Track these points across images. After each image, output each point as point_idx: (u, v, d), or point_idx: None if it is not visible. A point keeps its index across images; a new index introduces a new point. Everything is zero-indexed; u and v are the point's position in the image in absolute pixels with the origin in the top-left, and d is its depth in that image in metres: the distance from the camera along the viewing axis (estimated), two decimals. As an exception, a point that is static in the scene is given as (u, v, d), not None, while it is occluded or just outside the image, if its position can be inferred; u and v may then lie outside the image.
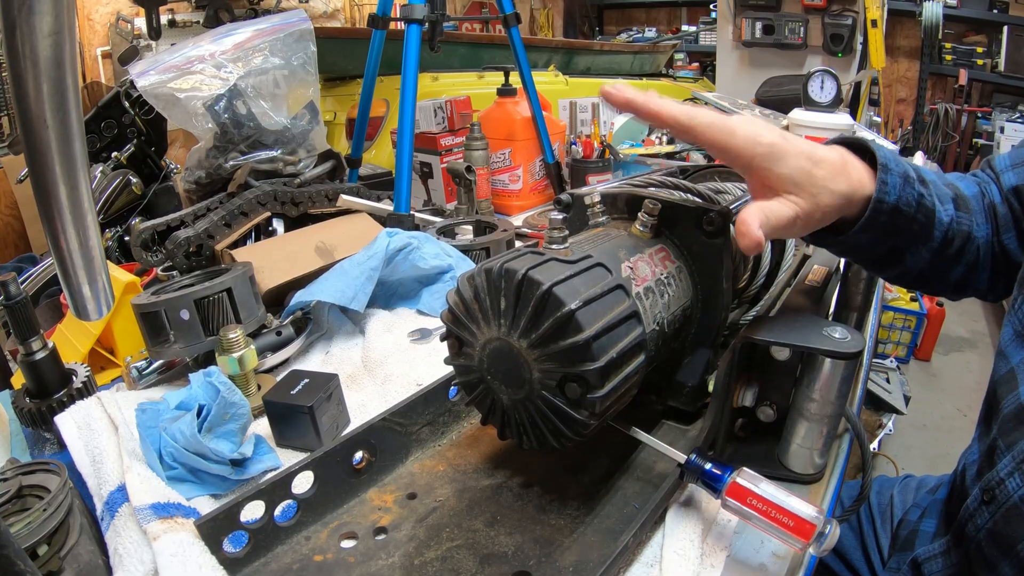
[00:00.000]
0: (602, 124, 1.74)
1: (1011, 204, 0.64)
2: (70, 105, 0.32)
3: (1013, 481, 0.55)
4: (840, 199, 0.52)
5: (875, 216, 0.54)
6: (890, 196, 0.54)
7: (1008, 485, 0.55)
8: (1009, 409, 0.58)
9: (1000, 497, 0.56)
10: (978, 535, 0.59)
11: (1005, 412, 0.58)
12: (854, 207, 0.54)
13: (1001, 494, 0.56)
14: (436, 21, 1.32)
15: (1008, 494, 0.55)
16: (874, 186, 0.53)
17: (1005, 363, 0.61)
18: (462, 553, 0.49)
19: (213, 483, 0.59)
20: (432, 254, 0.94)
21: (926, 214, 0.57)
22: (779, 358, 0.55)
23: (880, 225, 0.55)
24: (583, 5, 5.85)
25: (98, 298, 0.38)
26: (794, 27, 2.73)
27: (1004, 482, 0.56)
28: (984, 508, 0.58)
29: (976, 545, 0.59)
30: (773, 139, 0.51)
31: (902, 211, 0.55)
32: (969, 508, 0.61)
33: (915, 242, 0.59)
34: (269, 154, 1.11)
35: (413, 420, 0.61)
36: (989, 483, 0.58)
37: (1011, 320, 0.62)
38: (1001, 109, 4.02)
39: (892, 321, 2.78)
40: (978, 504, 0.59)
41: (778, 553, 0.50)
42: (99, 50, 3.29)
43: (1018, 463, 0.55)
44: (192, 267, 0.96)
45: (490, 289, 0.47)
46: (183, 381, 0.75)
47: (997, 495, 0.56)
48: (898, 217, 0.55)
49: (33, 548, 0.45)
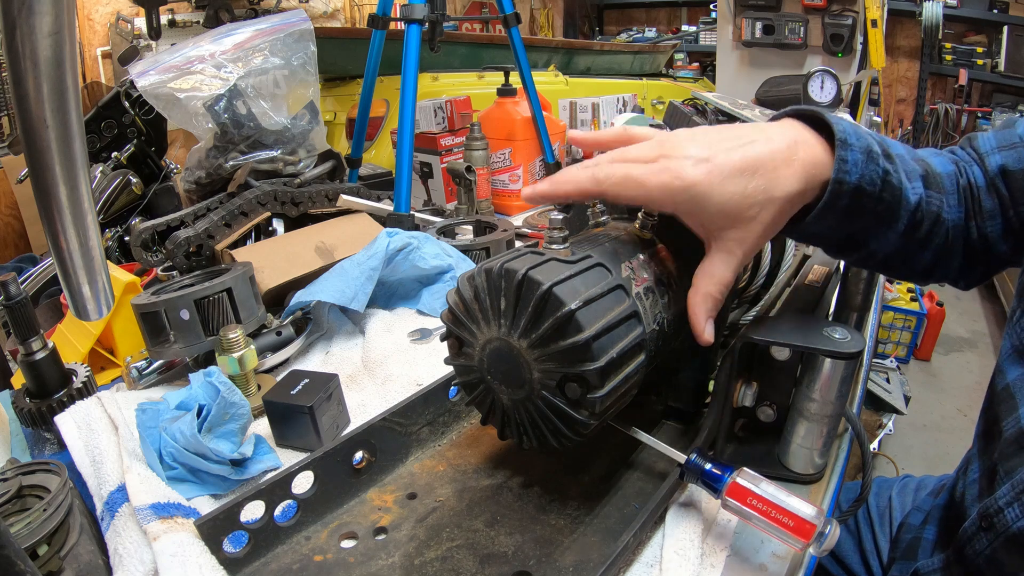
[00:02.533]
0: (602, 124, 1.74)
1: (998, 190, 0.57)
2: (70, 105, 0.33)
3: (1012, 511, 0.54)
4: (787, 203, 0.46)
5: (834, 200, 0.47)
6: (851, 175, 0.46)
7: (1007, 515, 0.54)
8: (1009, 433, 0.56)
9: (999, 525, 0.55)
10: (977, 560, 0.58)
11: (1006, 435, 0.57)
12: (811, 194, 0.47)
13: (1000, 523, 0.55)
14: (436, 21, 1.32)
15: (1007, 524, 0.54)
16: (832, 166, 0.46)
17: (1002, 379, 0.59)
18: (462, 553, 0.49)
19: (213, 483, 0.59)
20: (432, 254, 0.94)
21: (892, 193, 0.50)
22: (779, 358, 0.55)
23: (841, 209, 0.48)
24: (583, 5, 5.85)
25: (98, 298, 0.38)
26: (794, 27, 2.73)
27: (1003, 511, 0.55)
28: (983, 534, 0.57)
29: (976, 569, 0.58)
30: (693, 178, 0.44)
31: (865, 190, 0.48)
32: (968, 531, 0.59)
33: (879, 225, 0.52)
34: (269, 154, 1.11)
35: (413, 420, 0.61)
36: (987, 509, 0.57)
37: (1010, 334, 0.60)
38: (1001, 109, 4.02)
39: (892, 321, 2.78)
40: (976, 529, 0.58)
41: (778, 553, 0.50)
42: (99, 50, 3.29)
43: (1017, 493, 0.54)
44: (192, 267, 0.96)
45: (490, 289, 0.47)
46: (183, 381, 0.75)
47: (996, 523, 0.55)
48: (861, 198, 0.48)
49: (33, 548, 0.45)
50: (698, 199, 0.45)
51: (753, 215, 0.45)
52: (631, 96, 1.94)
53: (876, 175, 0.48)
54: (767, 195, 0.45)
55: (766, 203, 0.45)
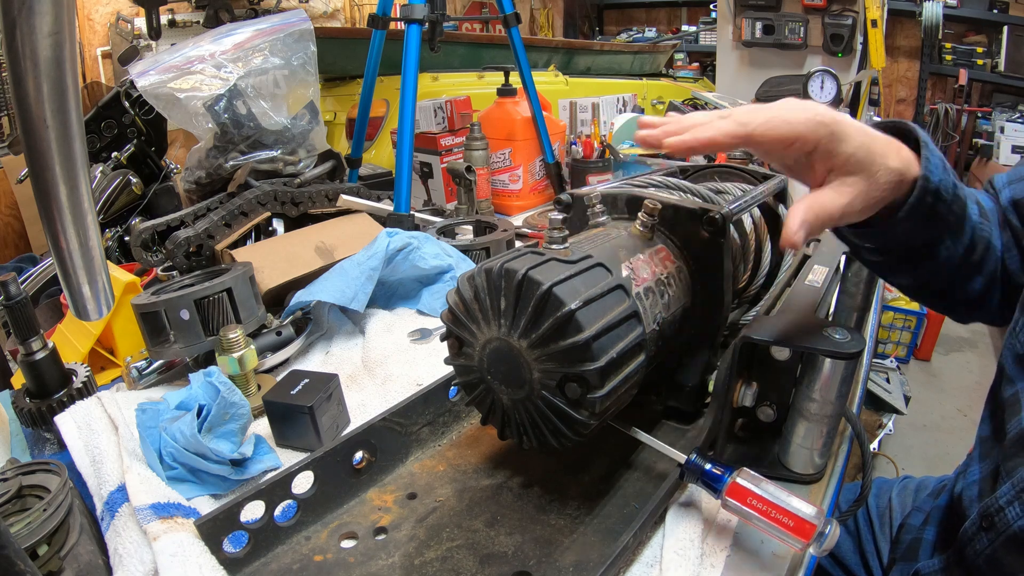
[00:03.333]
0: (602, 124, 1.74)
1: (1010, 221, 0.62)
2: (70, 105, 0.32)
3: (1013, 510, 0.54)
4: (895, 176, 0.50)
5: (922, 196, 0.51)
6: (934, 175, 0.51)
7: (1008, 514, 0.54)
8: (1013, 433, 0.57)
9: (999, 525, 0.55)
10: (978, 560, 0.58)
11: (1010, 436, 0.57)
12: (903, 188, 0.51)
13: (1000, 522, 0.55)
14: (436, 21, 1.32)
15: (1007, 523, 0.54)
16: (919, 165, 0.51)
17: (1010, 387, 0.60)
18: (462, 553, 0.49)
19: (213, 483, 0.59)
20: (432, 254, 0.94)
21: (960, 205, 0.55)
22: (779, 358, 0.55)
23: (925, 208, 0.52)
24: (583, 5, 5.85)
25: (98, 298, 0.38)
26: (794, 27, 2.73)
27: (1004, 510, 0.55)
28: (983, 534, 0.57)
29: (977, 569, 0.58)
30: (834, 116, 0.48)
31: (943, 196, 0.52)
32: (968, 531, 0.60)
33: (950, 235, 0.57)
34: (269, 154, 1.11)
35: (413, 420, 0.61)
36: (988, 508, 0.57)
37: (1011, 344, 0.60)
38: (1001, 109, 4.02)
39: (892, 321, 2.78)
40: (977, 529, 0.58)
41: (778, 553, 0.50)
42: (99, 50, 3.29)
43: (1018, 492, 0.54)
44: (192, 267, 0.96)
45: (490, 289, 0.47)
46: (183, 381, 0.75)
47: (996, 522, 0.55)
48: (939, 202, 0.53)
49: (33, 548, 0.44)
50: (839, 135, 0.48)
51: (875, 172, 0.49)
52: (631, 96, 1.94)
53: (950, 184, 0.53)
54: (885, 161, 0.49)
55: (883, 167, 0.49)
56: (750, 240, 0.73)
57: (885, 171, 0.49)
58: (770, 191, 0.73)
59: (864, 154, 0.48)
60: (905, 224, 0.53)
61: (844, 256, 0.80)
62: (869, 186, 0.49)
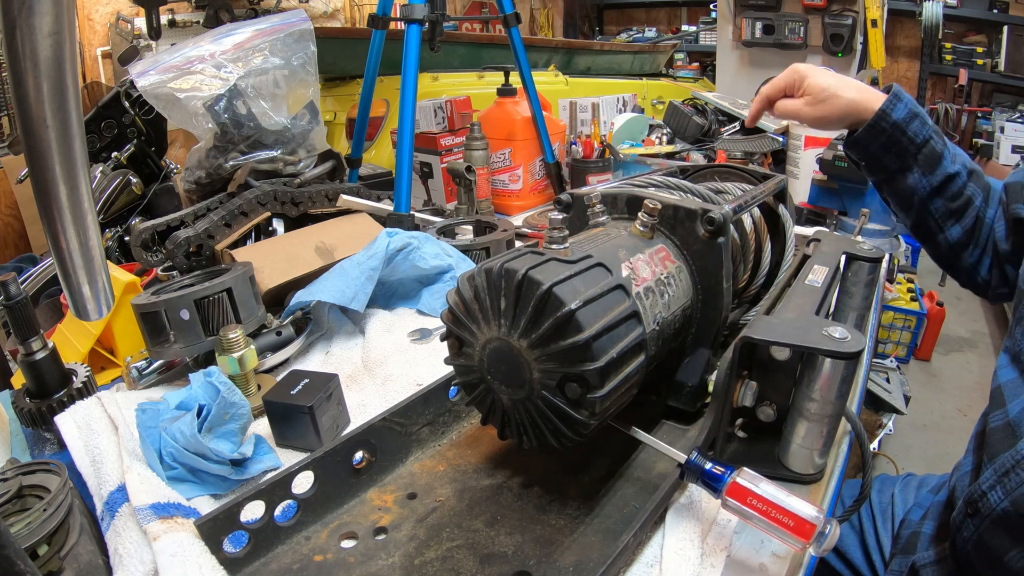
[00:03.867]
0: (602, 124, 1.74)
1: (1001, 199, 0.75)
2: (70, 105, 0.32)
3: (995, 494, 0.55)
4: (849, 104, 0.75)
5: (878, 121, 0.74)
6: (894, 113, 0.73)
7: (990, 498, 0.56)
8: (995, 424, 0.59)
9: (983, 510, 0.56)
10: (966, 547, 0.59)
11: (991, 426, 0.60)
12: (865, 116, 0.74)
13: (984, 507, 0.56)
14: (436, 21, 1.32)
15: (991, 507, 0.55)
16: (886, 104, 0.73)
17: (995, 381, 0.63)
18: (462, 553, 0.49)
19: (213, 483, 0.59)
20: (432, 254, 0.94)
21: (932, 150, 0.74)
22: (779, 358, 0.55)
23: (883, 134, 0.74)
24: (583, 5, 5.85)
25: (98, 298, 0.38)
26: (794, 27, 2.73)
27: (986, 495, 0.56)
28: (969, 520, 0.58)
29: (966, 557, 0.59)
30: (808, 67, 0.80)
31: (905, 132, 0.73)
32: (956, 520, 0.61)
33: (918, 167, 0.75)
34: (269, 154, 1.11)
35: (413, 420, 0.61)
36: (972, 495, 0.58)
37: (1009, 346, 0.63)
38: (1001, 109, 4.02)
39: (892, 321, 2.78)
40: (963, 516, 0.59)
41: (778, 553, 0.50)
42: (99, 50, 3.29)
43: (999, 476, 0.55)
44: (192, 267, 0.96)
45: (490, 289, 0.47)
46: (183, 381, 0.75)
47: (980, 508, 0.57)
48: (901, 135, 0.73)
49: (33, 548, 0.44)
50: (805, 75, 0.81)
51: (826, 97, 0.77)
52: (631, 96, 1.94)
53: (920, 132, 0.74)
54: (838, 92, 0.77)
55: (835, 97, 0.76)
56: (750, 240, 0.73)
57: (836, 98, 0.76)
58: (770, 191, 0.73)
59: (821, 86, 0.76)
60: (869, 141, 0.76)
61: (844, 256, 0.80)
62: (820, 105, 0.76)
